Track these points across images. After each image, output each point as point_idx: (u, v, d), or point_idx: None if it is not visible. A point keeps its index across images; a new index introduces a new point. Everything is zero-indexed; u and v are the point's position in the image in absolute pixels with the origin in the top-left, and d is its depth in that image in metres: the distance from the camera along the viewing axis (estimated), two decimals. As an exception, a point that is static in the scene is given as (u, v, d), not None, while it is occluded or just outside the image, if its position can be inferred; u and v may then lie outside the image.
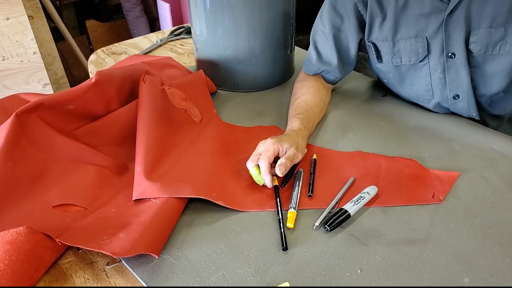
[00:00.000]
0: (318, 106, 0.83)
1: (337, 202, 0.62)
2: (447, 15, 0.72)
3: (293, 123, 0.76)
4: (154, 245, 0.54)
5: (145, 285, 0.51)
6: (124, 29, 2.65)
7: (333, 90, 0.93)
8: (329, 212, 0.61)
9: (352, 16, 0.81)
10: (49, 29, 1.70)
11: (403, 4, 0.75)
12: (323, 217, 0.60)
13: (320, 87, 0.87)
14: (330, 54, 0.85)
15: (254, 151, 0.68)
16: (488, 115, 0.84)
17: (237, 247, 0.56)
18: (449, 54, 0.75)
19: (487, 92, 0.78)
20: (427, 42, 0.76)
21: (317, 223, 0.59)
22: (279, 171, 0.64)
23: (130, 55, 1.10)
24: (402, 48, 0.79)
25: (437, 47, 0.76)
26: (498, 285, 0.50)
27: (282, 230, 0.57)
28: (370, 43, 0.83)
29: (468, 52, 0.74)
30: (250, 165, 0.66)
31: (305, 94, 0.84)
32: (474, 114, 0.81)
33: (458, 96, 0.79)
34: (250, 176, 0.67)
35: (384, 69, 0.84)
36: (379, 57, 0.83)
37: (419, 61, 0.79)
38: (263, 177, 0.65)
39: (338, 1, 0.81)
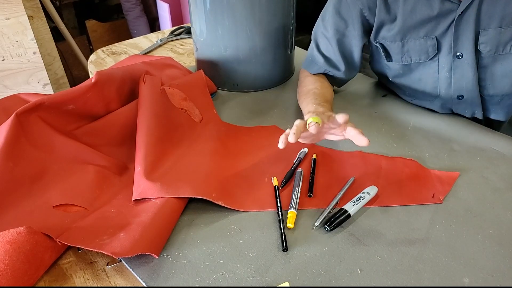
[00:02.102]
0: (332, 95, 0.84)
1: (337, 202, 0.62)
2: (458, 15, 0.71)
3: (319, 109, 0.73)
4: (154, 245, 0.54)
5: (145, 285, 0.51)
6: (124, 29, 2.65)
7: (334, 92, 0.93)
8: (329, 212, 0.61)
9: (357, 21, 0.80)
10: (49, 29, 1.70)
11: (411, 8, 0.75)
12: (323, 217, 0.60)
13: (325, 80, 0.88)
14: (335, 58, 0.85)
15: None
16: (491, 118, 0.84)
17: (237, 247, 0.56)
18: (457, 54, 0.75)
19: (498, 93, 0.78)
20: (437, 41, 0.76)
21: (317, 223, 0.59)
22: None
23: (130, 55, 1.10)
24: (411, 48, 0.79)
25: (446, 47, 0.76)
26: (498, 285, 0.50)
27: (282, 231, 0.57)
28: (378, 44, 0.82)
29: (477, 52, 0.74)
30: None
31: (318, 84, 0.83)
32: (477, 112, 0.81)
33: (462, 96, 0.79)
34: (250, 177, 0.67)
35: (394, 66, 0.84)
36: (388, 56, 0.83)
37: (429, 59, 0.79)
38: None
39: (342, 5, 0.80)
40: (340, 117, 0.61)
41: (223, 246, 0.56)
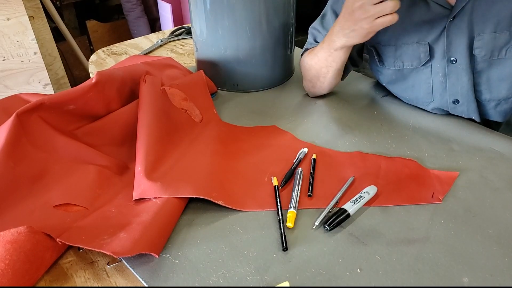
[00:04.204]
0: None
1: (336, 202, 0.63)
2: (450, 20, 0.72)
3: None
4: (154, 244, 0.54)
5: (145, 285, 0.51)
6: (125, 30, 2.65)
7: (334, 92, 0.94)
8: (329, 211, 0.61)
9: None
10: (49, 30, 1.71)
11: (404, 11, 0.75)
12: (322, 217, 0.60)
13: None
14: None
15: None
16: (489, 120, 0.84)
17: (237, 246, 0.56)
18: (451, 59, 0.75)
19: (495, 97, 0.77)
20: (430, 47, 0.76)
21: (316, 223, 0.59)
22: None
23: (131, 56, 1.10)
24: (404, 53, 0.79)
25: (439, 52, 0.76)
26: (498, 285, 0.51)
27: (282, 231, 0.57)
28: (371, 47, 0.82)
29: (472, 57, 0.74)
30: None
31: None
32: (474, 117, 0.81)
33: (458, 101, 0.79)
34: (250, 176, 0.67)
35: (386, 71, 0.84)
36: (380, 60, 0.83)
37: (421, 65, 0.79)
38: None
39: (339, 5, 0.81)
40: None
41: (223, 246, 0.56)
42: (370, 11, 0.66)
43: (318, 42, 0.87)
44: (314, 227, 0.59)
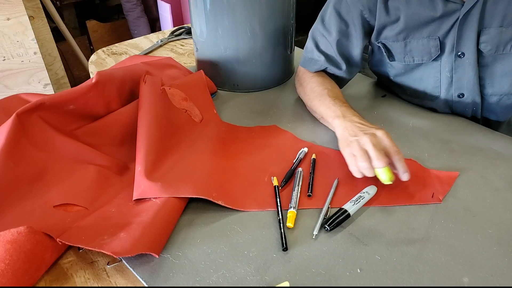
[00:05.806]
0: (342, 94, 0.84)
1: (328, 207, 0.61)
2: (463, 15, 0.72)
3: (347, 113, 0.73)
4: (154, 244, 0.54)
5: (145, 285, 0.51)
6: (125, 30, 2.65)
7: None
8: (324, 217, 0.60)
9: (357, 22, 0.80)
10: (49, 30, 1.71)
11: (413, 10, 0.75)
12: (319, 225, 0.58)
13: (331, 79, 0.87)
14: (336, 57, 0.84)
15: (373, 148, 0.62)
16: (489, 119, 0.84)
17: (237, 246, 0.56)
18: (459, 54, 0.75)
19: (497, 92, 0.78)
20: (440, 42, 0.76)
21: (315, 232, 0.58)
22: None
23: (131, 56, 1.10)
24: (414, 48, 0.79)
25: (448, 47, 0.76)
26: (498, 285, 0.51)
27: (282, 231, 0.57)
28: (379, 44, 0.82)
29: (479, 51, 0.74)
30: (381, 164, 0.61)
31: (328, 85, 0.82)
32: (475, 109, 0.81)
33: (463, 94, 0.80)
34: (250, 176, 0.67)
35: (396, 65, 0.84)
36: (390, 56, 0.83)
37: (432, 60, 0.79)
38: (403, 174, 0.62)
39: (342, 6, 0.80)
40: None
41: (223, 246, 0.56)
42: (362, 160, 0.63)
43: (320, 49, 0.85)
44: (314, 236, 0.58)
